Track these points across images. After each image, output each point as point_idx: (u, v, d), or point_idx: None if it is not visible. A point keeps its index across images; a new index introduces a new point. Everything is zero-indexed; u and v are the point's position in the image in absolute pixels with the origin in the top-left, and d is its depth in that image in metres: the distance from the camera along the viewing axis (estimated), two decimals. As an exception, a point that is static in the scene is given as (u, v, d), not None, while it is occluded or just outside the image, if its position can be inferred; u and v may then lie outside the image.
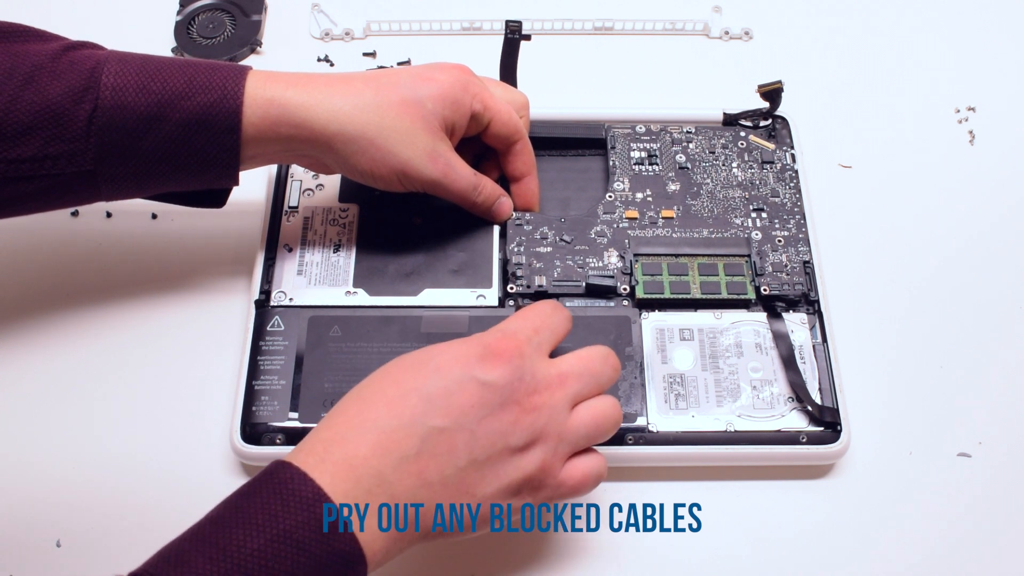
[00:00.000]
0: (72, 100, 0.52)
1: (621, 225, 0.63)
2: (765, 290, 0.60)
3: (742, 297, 0.60)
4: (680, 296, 0.60)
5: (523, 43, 0.63)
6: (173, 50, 0.75)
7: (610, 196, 0.64)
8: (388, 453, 0.45)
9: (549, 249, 0.62)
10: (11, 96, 0.51)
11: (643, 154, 0.66)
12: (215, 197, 0.59)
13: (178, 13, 0.77)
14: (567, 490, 0.49)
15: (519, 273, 0.61)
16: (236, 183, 0.57)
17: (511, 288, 0.60)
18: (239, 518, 0.43)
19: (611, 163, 0.66)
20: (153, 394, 0.60)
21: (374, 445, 0.45)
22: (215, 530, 0.43)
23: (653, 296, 0.60)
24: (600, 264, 0.61)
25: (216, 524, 0.43)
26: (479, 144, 0.62)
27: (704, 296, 0.60)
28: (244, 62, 0.74)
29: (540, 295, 0.60)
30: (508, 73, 0.64)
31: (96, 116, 0.52)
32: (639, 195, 0.64)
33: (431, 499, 0.46)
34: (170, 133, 0.53)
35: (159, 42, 0.75)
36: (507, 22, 0.63)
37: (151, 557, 0.43)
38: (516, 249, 0.62)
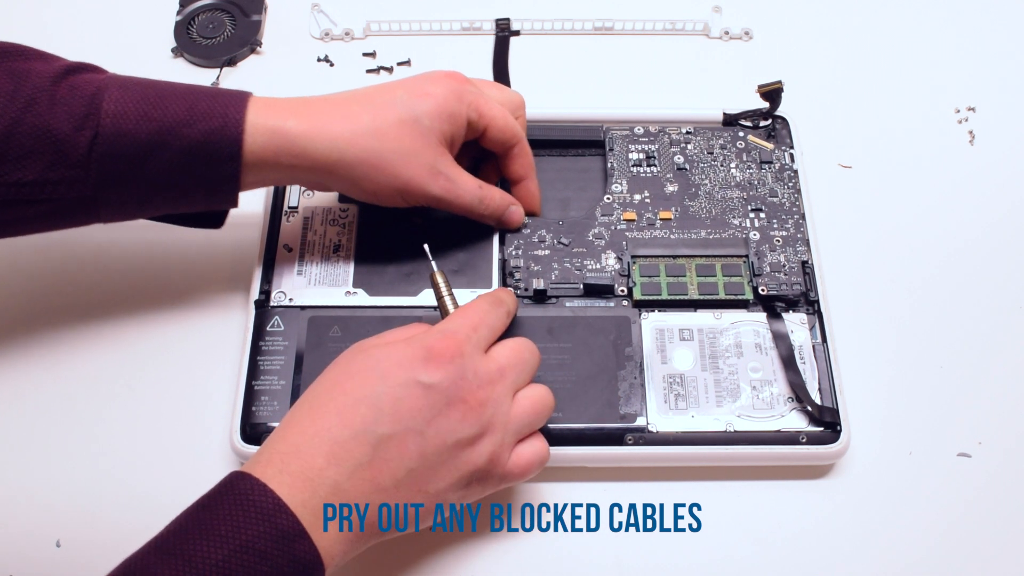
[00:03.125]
0: (73, 127, 0.52)
1: (619, 227, 0.63)
2: (763, 290, 0.60)
3: (739, 298, 0.60)
4: (677, 297, 0.60)
5: (519, 41, 0.63)
6: (173, 50, 0.75)
7: (608, 198, 0.64)
8: (342, 463, 0.46)
9: (547, 252, 0.62)
10: (13, 119, 0.51)
11: (641, 156, 0.66)
12: (213, 218, 0.59)
13: (178, 13, 0.77)
14: (514, 477, 0.51)
15: (517, 276, 0.61)
16: (235, 206, 0.57)
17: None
18: (201, 529, 0.44)
19: (609, 165, 0.65)
20: (153, 394, 0.60)
21: (328, 456, 0.46)
22: (178, 542, 0.44)
23: (650, 297, 0.60)
24: (598, 266, 0.61)
25: (179, 536, 0.44)
26: (477, 147, 0.61)
27: (701, 297, 0.60)
28: (244, 62, 0.75)
29: (540, 295, 0.60)
30: (501, 72, 0.64)
31: (97, 144, 0.52)
32: (637, 197, 0.64)
33: (385, 501, 0.47)
34: (171, 161, 0.53)
35: (159, 42, 0.75)
36: (496, 21, 0.63)
37: (113, 570, 0.44)
38: (514, 253, 0.62)
